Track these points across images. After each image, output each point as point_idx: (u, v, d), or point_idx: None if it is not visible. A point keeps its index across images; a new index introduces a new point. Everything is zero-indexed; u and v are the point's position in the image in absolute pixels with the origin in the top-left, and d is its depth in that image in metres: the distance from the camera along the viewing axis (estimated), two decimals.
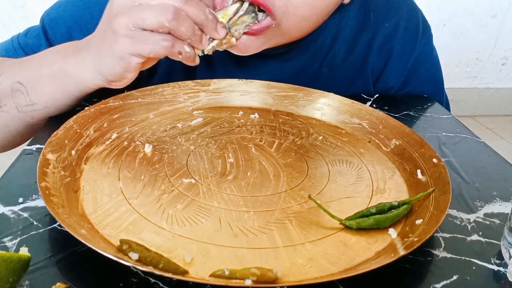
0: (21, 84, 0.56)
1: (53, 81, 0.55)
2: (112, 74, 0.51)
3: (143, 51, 0.47)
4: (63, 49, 0.56)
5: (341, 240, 0.39)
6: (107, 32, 0.49)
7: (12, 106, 0.57)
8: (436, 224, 0.37)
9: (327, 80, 0.72)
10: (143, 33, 0.47)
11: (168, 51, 0.47)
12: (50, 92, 0.56)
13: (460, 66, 2.36)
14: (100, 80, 0.53)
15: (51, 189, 0.39)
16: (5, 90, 0.56)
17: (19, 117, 0.58)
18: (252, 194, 0.43)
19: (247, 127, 0.57)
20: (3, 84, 0.57)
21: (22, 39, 0.67)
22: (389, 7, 0.72)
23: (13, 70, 0.57)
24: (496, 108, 2.49)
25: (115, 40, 0.48)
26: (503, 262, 0.38)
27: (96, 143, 0.50)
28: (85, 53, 0.53)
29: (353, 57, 0.72)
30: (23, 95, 0.56)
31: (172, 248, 0.36)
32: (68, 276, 0.33)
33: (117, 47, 0.48)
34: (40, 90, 0.56)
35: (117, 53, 0.49)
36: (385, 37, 0.71)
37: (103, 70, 0.51)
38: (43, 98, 0.56)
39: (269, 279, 0.32)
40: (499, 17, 2.27)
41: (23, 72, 0.56)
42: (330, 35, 0.70)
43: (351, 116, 0.59)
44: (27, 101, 0.56)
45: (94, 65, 0.52)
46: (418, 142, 0.51)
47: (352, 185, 0.47)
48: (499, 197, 0.47)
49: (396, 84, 0.75)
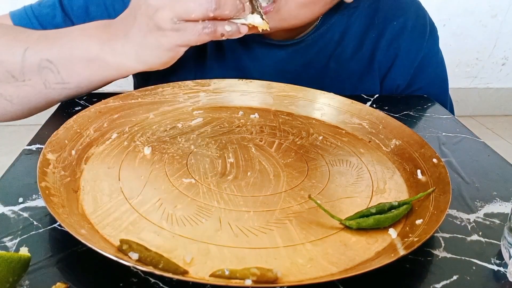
0: (51, 62, 0.56)
1: (89, 66, 0.56)
2: (158, 63, 0.53)
3: (190, 41, 0.50)
4: (94, 33, 0.56)
5: (341, 240, 0.39)
6: (149, 25, 0.50)
7: (38, 82, 0.57)
8: (436, 224, 0.37)
9: (335, 75, 0.73)
10: (187, 25, 0.48)
11: (211, 36, 0.49)
12: (85, 75, 0.57)
13: (460, 66, 2.36)
14: (143, 67, 0.54)
15: (51, 189, 0.39)
16: (31, 65, 0.56)
17: (45, 93, 0.58)
18: (252, 194, 0.43)
19: (247, 127, 0.57)
20: (29, 59, 0.56)
21: (36, 8, 0.66)
22: (397, 6, 0.73)
23: (40, 45, 0.57)
24: (496, 108, 2.49)
25: (162, 35, 0.49)
26: (503, 262, 0.38)
27: (96, 143, 0.50)
28: (124, 41, 0.53)
29: (361, 54, 0.73)
30: (53, 74, 0.56)
31: (172, 248, 0.36)
32: (68, 276, 0.33)
33: (165, 41, 0.50)
34: (74, 72, 0.56)
35: (165, 46, 0.50)
36: (393, 35, 0.72)
37: (149, 60, 0.53)
38: (77, 79, 0.57)
39: (269, 279, 0.32)
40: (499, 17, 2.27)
41: (52, 51, 0.56)
42: (338, 31, 0.71)
43: (351, 116, 0.59)
44: (58, 79, 0.56)
45: (138, 55, 0.53)
46: (418, 142, 0.51)
47: (352, 185, 0.47)
48: (499, 197, 0.47)
49: (403, 82, 0.75)
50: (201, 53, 0.71)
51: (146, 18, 0.50)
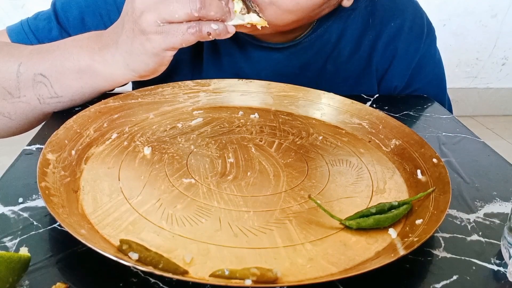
0: (44, 76, 0.55)
1: (81, 77, 0.55)
2: (146, 70, 0.53)
3: (175, 44, 0.48)
4: (86, 44, 0.56)
5: (341, 240, 0.39)
6: (135, 31, 0.49)
7: (32, 98, 0.57)
8: (436, 224, 0.37)
9: (332, 77, 0.73)
10: (171, 27, 0.47)
11: (197, 36, 0.48)
12: (77, 87, 0.56)
13: (460, 66, 2.37)
14: (132, 75, 0.54)
15: (51, 189, 0.39)
16: (26, 80, 0.56)
17: (40, 108, 0.58)
18: (252, 194, 0.43)
19: (247, 127, 0.57)
20: (24, 75, 0.56)
21: (32, 22, 0.66)
22: (394, 8, 0.73)
23: (33, 60, 0.57)
24: (496, 108, 2.49)
25: (146, 39, 0.49)
26: (503, 262, 0.38)
27: (96, 143, 0.50)
28: (114, 50, 0.53)
29: (358, 56, 0.73)
30: (47, 88, 0.56)
31: (172, 248, 0.36)
32: (68, 276, 0.33)
33: (149, 45, 0.49)
34: (67, 85, 0.56)
35: (150, 51, 0.50)
36: (390, 37, 0.72)
37: (137, 67, 0.52)
38: (69, 92, 0.57)
39: (269, 279, 0.32)
40: (499, 17, 2.27)
41: (45, 64, 0.56)
42: (335, 33, 0.71)
43: (351, 116, 0.59)
44: (51, 94, 0.56)
45: (126, 63, 0.53)
46: (418, 142, 0.51)
47: (352, 185, 0.47)
48: (499, 197, 0.47)
49: (400, 84, 0.75)
50: (197, 58, 0.71)
51: (132, 24, 0.49)
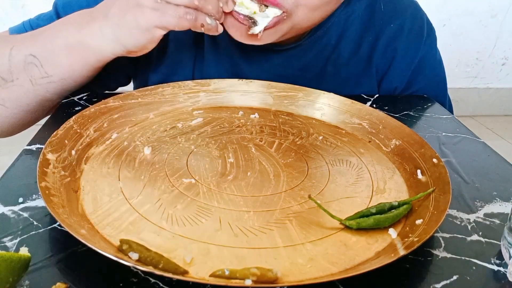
0: (34, 56, 0.55)
1: (70, 53, 0.55)
2: (135, 45, 0.53)
3: (169, 24, 0.49)
4: (75, 20, 0.56)
5: (341, 240, 0.39)
6: (130, 3, 0.50)
7: (25, 80, 0.56)
8: (436, 224, 0.37)
9: (332, 78, 0.73)
10: (169, 6, 0.48)
11: (191, 24, 0.49)
12: (67, 64, 0.56)
13: (460, 66, 2.36)
14: (121, 50, 0.54)
15: (51, 189, 0.39)
16: (17, 63, 0.56)
17: (33, 91, 0.58)
18: (252, 194, 0.43)
19: (247, 127, 0.57)
20: (16, 57, 0.56)
21: (34, 23, 0.66)
22: (394, 8, 0.72)
23: (24, 43, 0.57)
24: (496, 108, 2.49)
25: (141, 12, 0.49)
26: (503, 262, 0.38)
27: (96, 143, 0.50)
28: (102, 23, 0.53)
29: (358, 57, 0.72)
30: (37, 68, 0.56)
31: (172, 248, 0.36)
32: (68, 276, 0.33)
33: (143, 19, 0.49)
34: (56, 63, 0.56)
35: (142, 25, 0.50)
36: (390, 37, 0.72)
37: (126, 41, 0.52)
38: (60, 70, 0.56)
39: (269, 279, 0.32)
40: (499, 17, 2.27)
41: (36, 45, 0.56)
42: (335, 34, 0.71)
43: (351, 116, 0.59)
44: (42, 74, 0.56)
45: (115, 36, 0.53)
46: (418, 142, 0.51)
47: (352, 185, 0.47)
48: (499, 197, 0.47)
49: (400, 85, 0.75)
50: (198, 58, 0.71)
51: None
